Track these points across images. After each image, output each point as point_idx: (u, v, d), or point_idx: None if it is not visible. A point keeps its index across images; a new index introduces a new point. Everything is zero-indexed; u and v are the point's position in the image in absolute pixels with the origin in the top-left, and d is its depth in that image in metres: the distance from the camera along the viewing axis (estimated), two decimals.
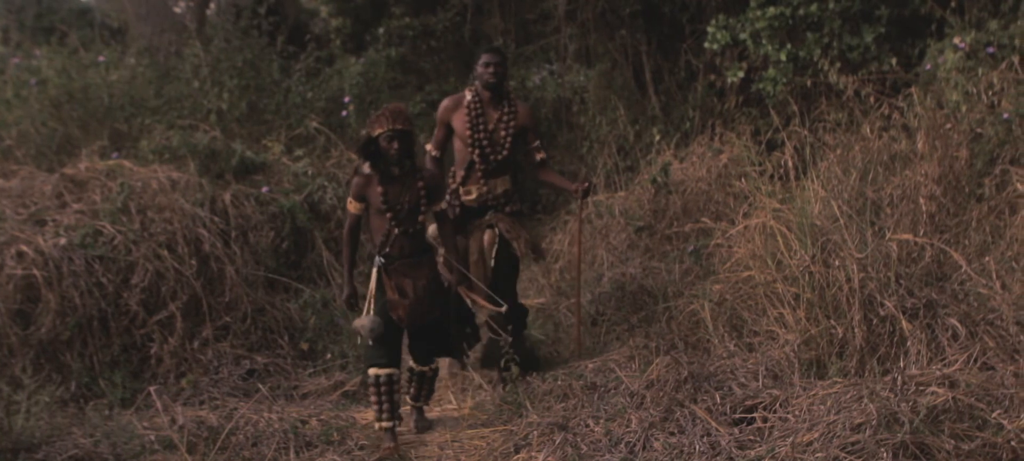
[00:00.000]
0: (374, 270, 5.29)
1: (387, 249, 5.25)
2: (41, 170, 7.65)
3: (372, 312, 5.24)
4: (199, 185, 7.20)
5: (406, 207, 5.21)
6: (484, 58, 6.08)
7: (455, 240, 5.65)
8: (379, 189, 5.16)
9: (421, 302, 5.25)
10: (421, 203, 5.25)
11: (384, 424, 5.29)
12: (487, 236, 6.04)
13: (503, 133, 6.07)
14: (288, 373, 6.41)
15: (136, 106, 9.02)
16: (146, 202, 6.78)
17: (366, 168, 5.17)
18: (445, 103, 6.18)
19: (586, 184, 6.17)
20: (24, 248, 6.19)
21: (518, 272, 6.40)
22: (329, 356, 6.63)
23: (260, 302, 6.80)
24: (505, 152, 6.08)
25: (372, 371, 5.28)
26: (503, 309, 5.77)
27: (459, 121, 6.05)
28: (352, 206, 5.27)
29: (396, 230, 5.21)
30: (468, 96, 6.10)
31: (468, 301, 5.79)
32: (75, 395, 5.98)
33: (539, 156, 6.22)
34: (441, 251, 5.73)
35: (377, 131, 5.08)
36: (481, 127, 6.02)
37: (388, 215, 5.17)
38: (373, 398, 5.29)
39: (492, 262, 6.05)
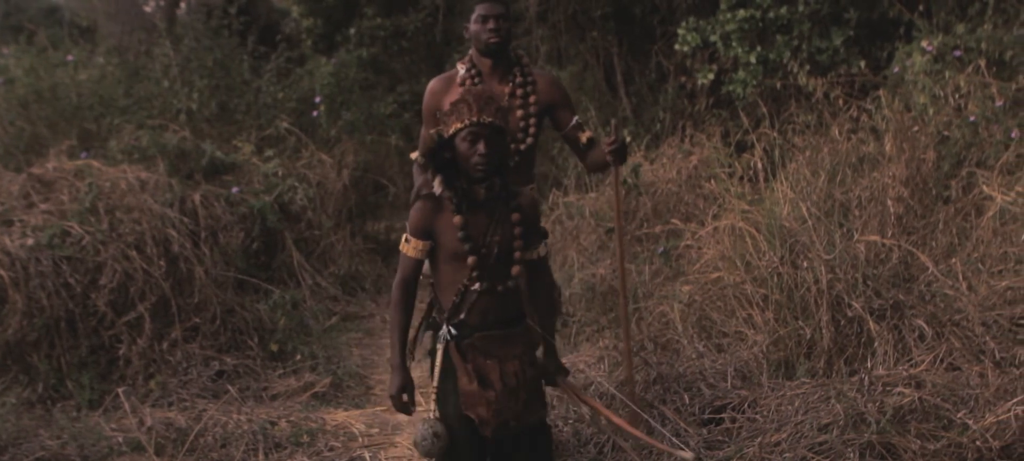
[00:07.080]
0: (439, 348, 3.46)
1: (461, 315, 3.42)
2: (8, 170, 7.56)
3: (435, 412, 3.45)
4: (168, 185, 7.15)
5: (495, 250, 3.41)
6: (481, 10, 4.36)
7: (559, 305, 3.76)
8: (455, 220, 3.36)
9: (514, 396, 3.40)
10: (517, 245, 3.46)
11: None
12: None
13: (521, 112, 4.38)
14: (257, 374, 6.37)
15: (105, 106, 8.95)
16: (115, 202, 6.71)
17: (438, 186, 3.37)
18: (431, 87, 4.50)
19: (614, 140, 4.26)
20: None
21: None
22: (299, 357, 6.60)
23: (230, 303, 6.75)
24: (529, 139, 4.41)
25: None
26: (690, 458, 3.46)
27: None
28: (411, 248, 3.42)
29: (479, 286, 3.40)
30: (461, 70, 4.45)
31: (586, 410, 3.68)
32: (42, 397, 5.92)
33: (584, 137, 4.47)
34: None
35: (455, 126, 3.31)
36: None
37: (470, 261, 3.36)
38: None
39: None
